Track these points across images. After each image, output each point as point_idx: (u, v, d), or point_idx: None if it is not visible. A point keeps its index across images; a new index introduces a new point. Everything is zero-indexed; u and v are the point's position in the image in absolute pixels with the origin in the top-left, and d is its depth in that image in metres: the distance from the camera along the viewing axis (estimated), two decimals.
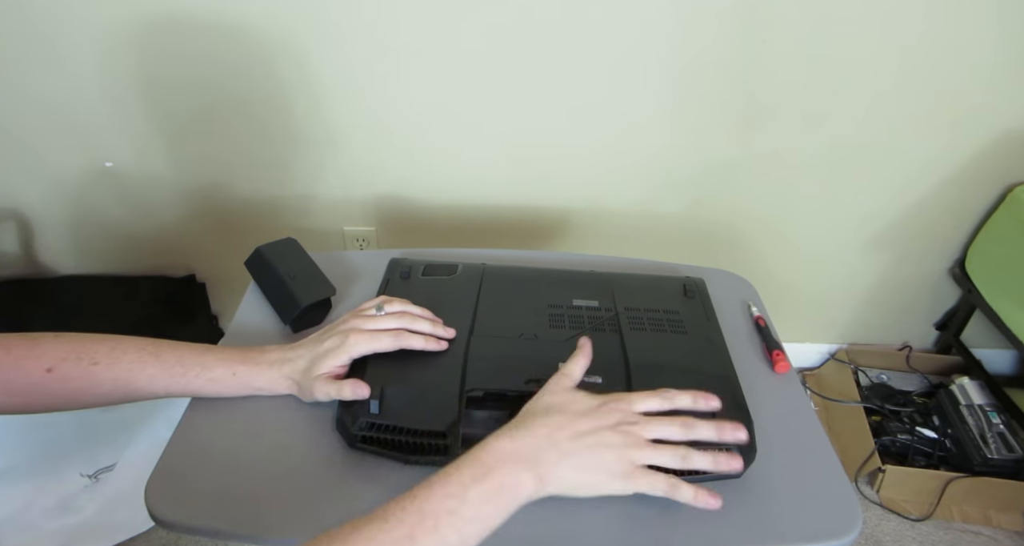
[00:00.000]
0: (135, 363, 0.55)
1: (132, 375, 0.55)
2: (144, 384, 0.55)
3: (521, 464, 0.46)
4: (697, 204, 1.30)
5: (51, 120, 1.14)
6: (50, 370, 0.52)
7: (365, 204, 1.29)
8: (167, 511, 0.52)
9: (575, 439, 0.48)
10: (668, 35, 1.07)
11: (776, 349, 0.71)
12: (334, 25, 1.05)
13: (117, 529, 1.11)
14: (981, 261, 1.34)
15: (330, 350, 0.59)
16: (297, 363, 0.60)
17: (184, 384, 0.57)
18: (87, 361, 0.54)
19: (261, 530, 0.51)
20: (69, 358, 0.53)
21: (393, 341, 0.60)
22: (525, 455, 0.47)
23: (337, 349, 0.59)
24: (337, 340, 0.59)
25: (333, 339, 0.60)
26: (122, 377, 0.55)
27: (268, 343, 0.64)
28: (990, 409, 1.32)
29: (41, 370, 0.52)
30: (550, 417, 0.49)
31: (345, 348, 0.59)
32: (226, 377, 0.58)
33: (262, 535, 0.51)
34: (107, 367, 0.54)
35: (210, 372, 0.58)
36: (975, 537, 1.26)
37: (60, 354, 0.53)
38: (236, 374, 0.58)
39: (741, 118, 1.17)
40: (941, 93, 1.15)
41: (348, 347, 0.59)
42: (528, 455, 0.47)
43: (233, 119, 1.16)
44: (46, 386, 0.52)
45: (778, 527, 0.54)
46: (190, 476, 0.55)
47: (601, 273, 0.77)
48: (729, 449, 0.54)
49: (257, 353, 0.61)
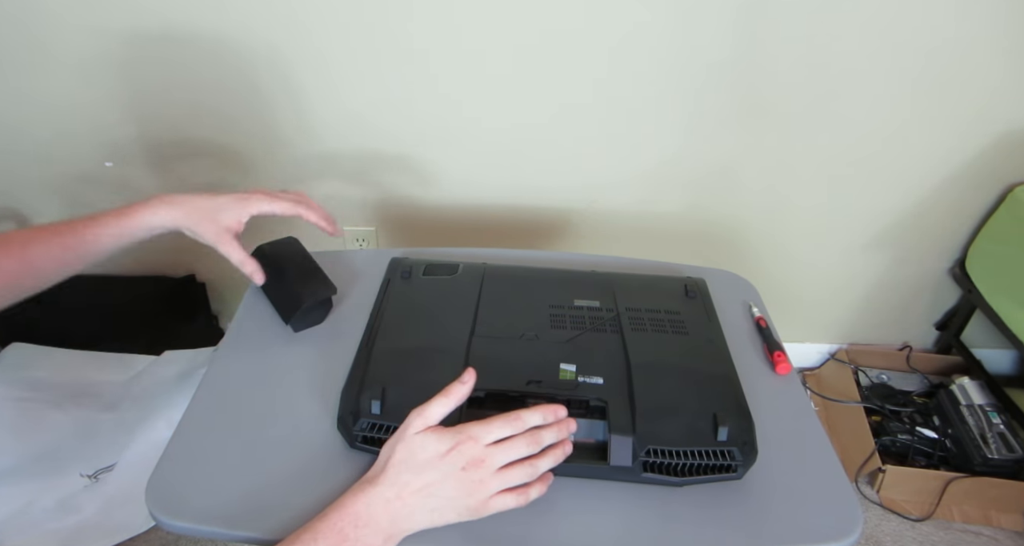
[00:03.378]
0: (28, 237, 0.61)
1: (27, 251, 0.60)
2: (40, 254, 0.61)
3: (375, 530, 0.48)
4: (697, 204, 1.30)
5: (51, 120, 1.14)
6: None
7: (365, 204, 1.29)
8: (167, 511, 0.52)
9: (425, 495, 0.49)
10: (669, 35, 1.07)
11: (777, 350, 0.71)
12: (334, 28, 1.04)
13: (117, 529, 1.11)
14: (981, 261, 1.34)
15: (233, 201, 0.65)
16: (191, 201, 0.64)
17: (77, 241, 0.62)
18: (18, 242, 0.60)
19: (261, 530, 0.51)
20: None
21: (292, 206, 0.68)
22: (379, 522, 0.48)
23: (241, 202, 0.65)
24: (239, 196, 0.66)
25: (234, 195, 0.66)
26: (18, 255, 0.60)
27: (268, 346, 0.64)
28: (990, 409, 1.32)
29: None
30: (400, 474, 0.50)
31: (249, 202, 0.66)
32: (113, 220, 0.62)
33: (262, 535, 0.51)
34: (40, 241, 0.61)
35: (99, 219, 0.62)
36: (975, 537, 1.26)
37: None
38: (123, 212, 0.62)
39: (742, 118, 1.17)
40: (941, 93, 1.14)
41: (250, 202, 0.66)
42: (381, 521, 0.48)
43: (233, 119, 1.16)
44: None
45: (778, 528, 0.54)
46: (190, 476, 0.55)
47: (602, 273, 0.77)
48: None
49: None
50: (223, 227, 0.65)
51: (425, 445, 0.50)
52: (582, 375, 0.61)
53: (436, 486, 0.49)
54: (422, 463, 0.50)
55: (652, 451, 0.55)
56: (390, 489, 0.49)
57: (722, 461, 0.55)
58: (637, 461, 0.55)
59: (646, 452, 0.55)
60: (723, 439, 0.55)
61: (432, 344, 0.64)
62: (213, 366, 0.66)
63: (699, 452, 0.55)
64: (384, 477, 0.50)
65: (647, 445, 0.55)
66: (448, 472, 0.49)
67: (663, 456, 0.55)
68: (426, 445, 0.50)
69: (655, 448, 0.55)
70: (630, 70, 1.11)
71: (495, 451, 0.51)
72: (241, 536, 0.51)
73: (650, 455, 0.55)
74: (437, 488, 0.49)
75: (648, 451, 0.55)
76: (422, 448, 0.50)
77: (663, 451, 0.55)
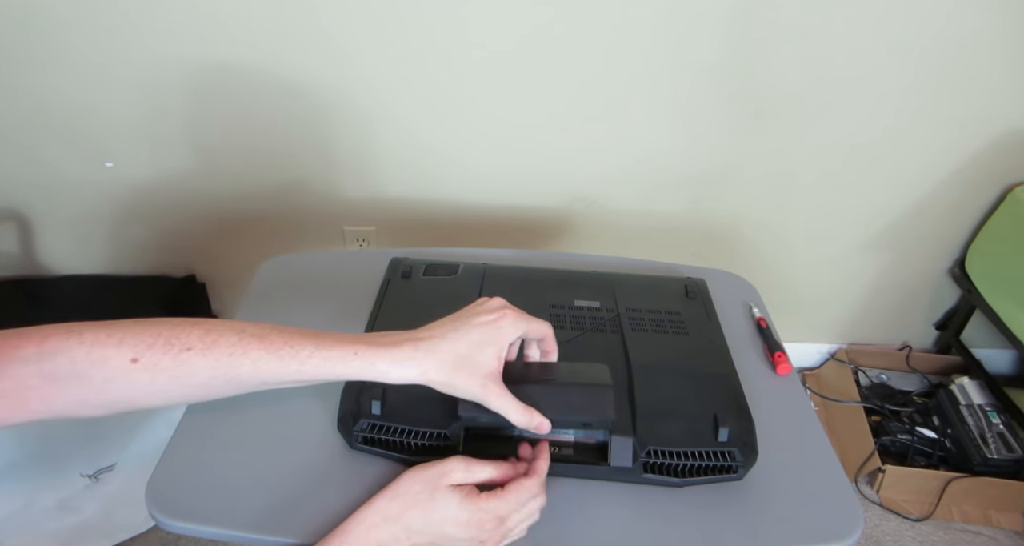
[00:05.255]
0: (236, 347, 0.46)
1: (233, 360, 0.46)
2: (248, 371, 0.46)
3: None
4: (697, 204, 1.30)
5: (52, 120, 1.14)
6: (135, 360, 0.44)
7: (365, 204, 1.29)
8: (167, 511, 0.52)
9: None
10: (669, 36, 1.07)
11: (778, 351, 0.71)
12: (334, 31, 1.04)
13: (117, 529, 1.11)
14: (981, 261, 1.34)
15: (483, 333, 0.50)
16: (439, 348, 0.49)
17: (296, 368, 0.47)
18: (178, 347, 0.45)
19: (261, 530, 0.51)
20: (156, 344, 0.45)
21: (543, 329, 0.54)
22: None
23: (494, 332, 0.50)
24: (486, 323, 0.51)
25: (479, 323, 0.51)
26: (222, 363, 0.45)
27: None
28: (990, 409, 1.32)
29: (124, 360, 0.44)
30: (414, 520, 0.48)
31: (502, 331, 0.51)
32: (347, 356, 0.47)
33: (262, 535, 0.51)
34: (202, 353, 0.45)
35: (326, 351, 0.47)
36: (975, 537, 1.26)
37: (145, 340, 0.45)
38: (358, 353, 0.48)
39: (742, 119, 1.17)
40: (941, 93, 1.15)
41: (503, 330, 0.51)
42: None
43: (234, 121, 1.16)
44: (130, 379, 0.44)
45: (779, 529, 0.54)
46: (190, 476, 0.55)
47: (603, 273, 0.77)
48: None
49: (377, 335, 0.50)
50: (485, 376, 0.50)
51: (448, 504, 0.48)
52: None
53: (448, 542, 0.48)
54: (439, 522, 0.48)
55: (653, 452, 0.55)
56: (403, 531, 0.48)
57: (723, 462, 0.55)
58: (638, 462, 0.55)
59: (647, 453, 0.55)
60: (724, 440, 0.55)
61: None
62: None
63: (699, 453, 0.55)
64: (401, 518, 0.48)
65: (648, 446, 0.55)
66: (464, 538, 0.48)
67: (664, 457, 0.55)
68: (449, 505, 0.48)
69: (656, 449, 0.55)
70: (630, 70, 1.11)
71: (512, 523, 0.50)
72: (241, 537, 0.51)
73: (651, 456, 0.55)
74: (448, 543, 0.48)
75: (649, 452, 0.55)
76: (445, 507, 0.48)
77: (664, 452, 0.55)
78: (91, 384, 0.44)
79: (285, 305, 0.75)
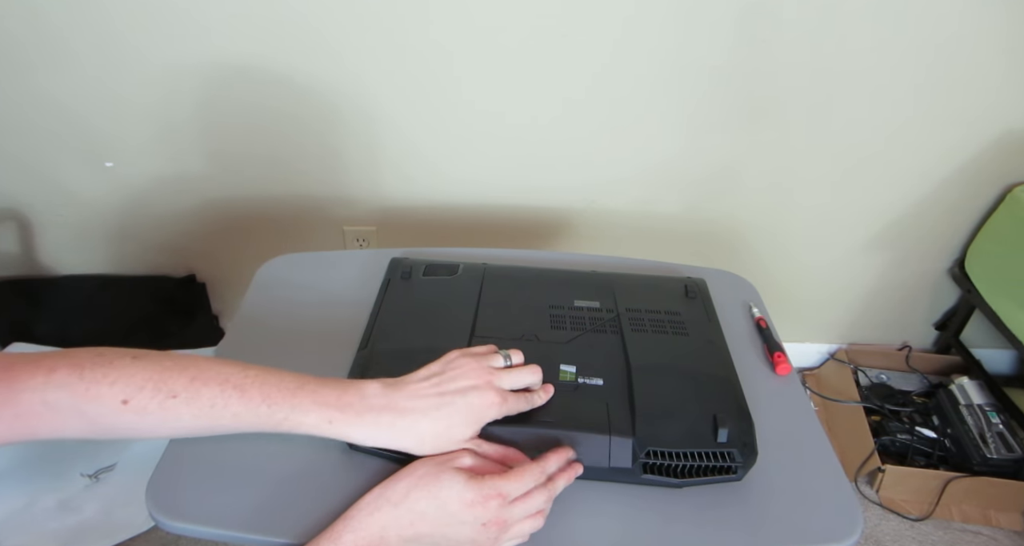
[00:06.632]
0: (217, 398, 0.49)
1: (214, 412, 0.49)
2: (228, 423, 0.50)
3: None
4: (697, 204, 1.30)
5: (52, 120, 1.14)
6: (126, 402, 0.47)
7: (365, 204, 1.29)
8: (167, 511, 0.52)
9: (439, 535, 0.48)
10: (669, 36, 1.07)
11: (777, 351, 0.71)
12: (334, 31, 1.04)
13: (117, 529, 1.11)
14: (981, 261, 1.34)
15: (461, 413, 0.51)
16: (417, 427, 0.51)
17: (273, 425, 0.50)
18: (164, 393, 0.48)
19: (261, 530, 0.51)
20: (146, 387, 0.48)
21: (523, 402, 0.56)
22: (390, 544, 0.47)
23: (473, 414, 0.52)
24: (475, 403, 0.52)
25: (456, 399, 0.52)
26: (203, 413, 0.49)
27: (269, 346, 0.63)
28: (989, 409, 1.32)
29: (116, 401, 0.47)
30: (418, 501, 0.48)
31: (486, 410, 0.52)
32: (320, 424, 0.50)
33: (262, 536, 0.51)
34: (186, 401, 0.49)
35: (302, 416, 0.50)
36: (975, 537, 1.26)
37: (136, 382, 0.48)
38: (332, 422, 0.50)
39: (742, 119, 1.17)
40: (941, 94, 1.15)
41: (487, 410, 0.52)
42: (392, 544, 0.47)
43: (234, 122, 1.16)
44: (120, 418, 0.48)
45: (778, 529, 0.54)
46: (190, 476, 0.55)
47: (602, 273, 0.77)
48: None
49: (356, 397, 0.51)
50: (459, 443, 0.52)
51: (453, 484, 0.48)
52: (582, 376, 0.61)
53: (451, 529, 0.48)
54: (443, 503, 0.48)
55: (652, 452, 0.55)
56: (407, 515, 0.48)
57: (722, 462, 0.55)
58: (637, 462, 0.55)
59: (646, 453, 0.55)
60: (723, 440, 0.55)
61: (432, 344, 0.63)
62: None
63: (699, 453, 0.55)
64: (405, 500, 0.48)
65: (647, 446, 0.55)
66: (467, 522, 0.48)
67: (663, 457, 0.55)
68: (454, 485, 0.48)
69: (655, 449, 0.55)
70: (630, 70, 1.11)
71: (517, 511, 0.50)
72: (241, 537, 0.51)
73: (650, 456, 0.55)
74: (451, 531, 0.48)
75: (648, 452, 0.55)
76: (450, 486, 0.48)
77: (663, 452, 0.55)
78: (86, 417, 0.47)
79: (285, 305, 0.75)
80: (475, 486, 0.48)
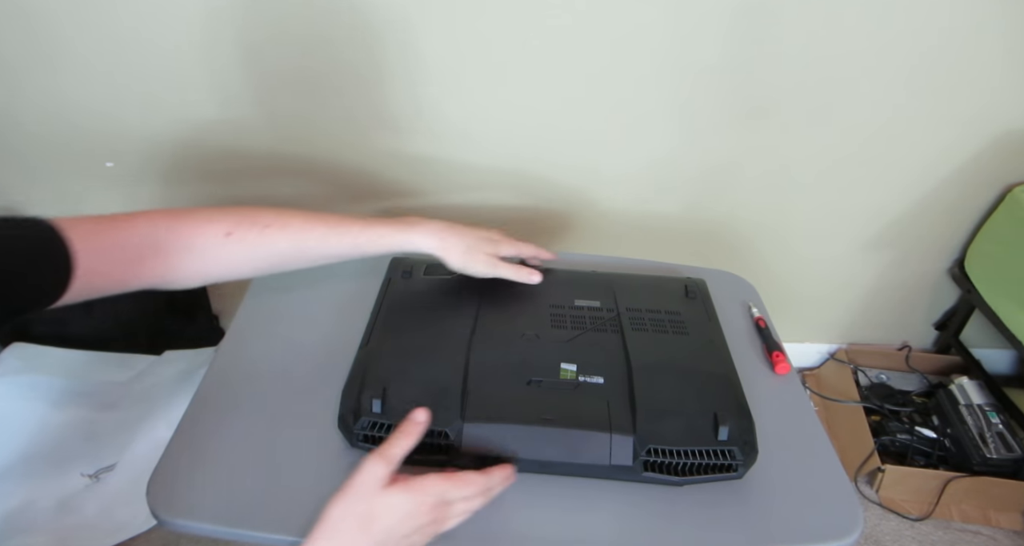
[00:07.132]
0: (304, 224, 0.60)
1: (304, 235, 0.59)
2: (315, 244, 0.60)
3: None
4: (697, 204, 1.30)
5: (52, 121, 1.14)
6: (229, 234, 0.56)
7: (365, 204, 1.29)
8: (168, 509, 0.52)
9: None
10: (668, 36, 1.07)
11: (776, 350, 0.71)
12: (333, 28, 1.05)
13: (117, 529, 1.11)
14: (980, 261, 1.34)
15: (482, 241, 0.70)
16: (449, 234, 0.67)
17: (351, 241, 0.61)
18: (260, 225, 0.57)
19: (262, 528, 0.51)
20: (243, 222, 0.57)
21: (535, 250, 0.76)
22: None
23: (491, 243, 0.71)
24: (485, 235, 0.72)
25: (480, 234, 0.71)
26: (296, 238, 0.59)
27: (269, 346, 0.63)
28: (989, 409, 1.32)
29: (221, 234, 0.55)
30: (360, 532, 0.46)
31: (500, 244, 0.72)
32: (388, 232, 0.63)
33: (262, 533, 0.51)
34: (279, 230, 0.58)
35: (373, 228, 0.62)
36: (974, 537, 1.26)
37: (234, 219, 0.57)
38: (396, 228, 0.63)
39: (741, 118, 1.17)
40: (941, 94, 1.15)
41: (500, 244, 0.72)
42: None
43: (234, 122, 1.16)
44: (228, 249, 0.56)
45: (778, 528, 0.54)
46: (190, 476, 0.55)
47: (603, 273, 0.77)
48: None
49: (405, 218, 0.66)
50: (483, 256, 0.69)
51: (392, 506, 0.47)
52: (582, 375, 0.61)
53: (399, 539, 0.47)
54: (388, 528, 0.46)
55: (653, 451, 0.55)
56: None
57: (722, 461, 0.55)
58: (638, 460, 0.55)
59: (647, 451, 0.55)
60: (723, 439, 0.55)
61: (433, 343, 0.64)
62: (214, 365, 0.66)
63: (699, 452, 0.55)
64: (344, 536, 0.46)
65: (648, 445, 0.55)
66: (414, 527, 0.47)
67: (664, 455, 0.55)
68: (393, 506, 0.47)
69: (656, 448, 0.55)
70: (630, 69, 1.11)
71: (458, 507, 0.50)
72: (241, 534, 0.51)
73: (651, 455, 0.55)
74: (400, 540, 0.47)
75: (649, 451, 0.55)
76: (389, 511, 0.47)
77: (664, 451, 0.55)
78: (193, 253, 0.55)
79: (286, 304, 0.75)
80: (416, 496, 0.48)
